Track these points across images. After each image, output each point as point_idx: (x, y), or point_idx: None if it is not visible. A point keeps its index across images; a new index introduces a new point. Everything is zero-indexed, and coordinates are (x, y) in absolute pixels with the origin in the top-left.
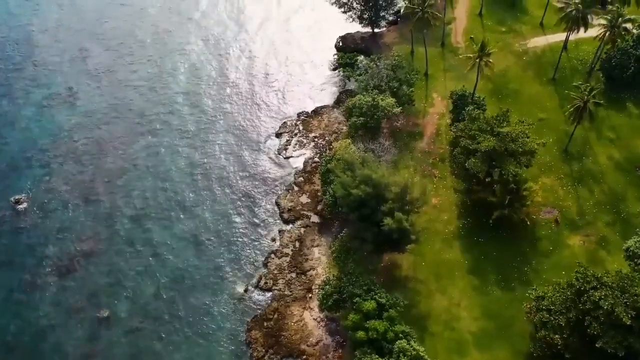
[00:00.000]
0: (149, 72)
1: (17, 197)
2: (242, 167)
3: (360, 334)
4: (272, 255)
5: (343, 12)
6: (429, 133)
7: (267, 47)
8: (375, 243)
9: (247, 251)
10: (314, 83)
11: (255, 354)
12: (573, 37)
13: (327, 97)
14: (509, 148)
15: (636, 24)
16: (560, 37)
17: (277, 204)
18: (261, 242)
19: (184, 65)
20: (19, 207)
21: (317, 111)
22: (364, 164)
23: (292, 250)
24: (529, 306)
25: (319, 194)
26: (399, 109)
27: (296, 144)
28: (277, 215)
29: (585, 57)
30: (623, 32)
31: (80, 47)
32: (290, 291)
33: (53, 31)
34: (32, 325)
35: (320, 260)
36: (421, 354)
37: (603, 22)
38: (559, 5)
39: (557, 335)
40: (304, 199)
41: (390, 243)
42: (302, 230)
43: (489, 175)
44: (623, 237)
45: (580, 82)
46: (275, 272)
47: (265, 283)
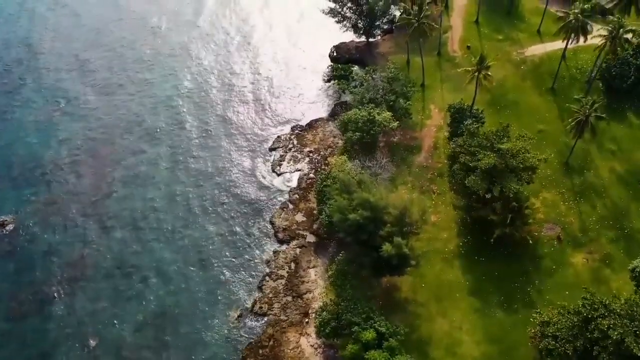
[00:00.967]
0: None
1: (3, 218)
2: (236, 185)
3: None
4: (267, 278)
5: (337, 22)
6: (427, 146)
7: (260, 58)
8: (373, 268)
9: (241, 273)
10: (308, 95)
11: None
12: (572, 45)
13: (322, 109)
14: (509, 164)
15: (637, 34)
16: (558, 44)
17: (272, 223)
18: (255, 264)
19: (175, 81)
20: (5, 229)
21: (312, 124)
22: (361, 185)
23: (287, 272)
24: (533, 331)
25: (314, 212)
26: (395, 124)
27: (290, 159)
28: (272, 234)
29: (584, 66)
30: (624, 43)
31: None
32: (286, 316)
33: (48, 42)
34: (17, 355)
35: (316, 282)
36: None
37: (604, 32)
38: (559, 14)
39: None
40: (299, 217)
41: (389, 267)
42: (298, 250)
43: (489, 192)
44: (627, 255)
45: (580, 93)
46: (271, 295)
47: (260, 307)
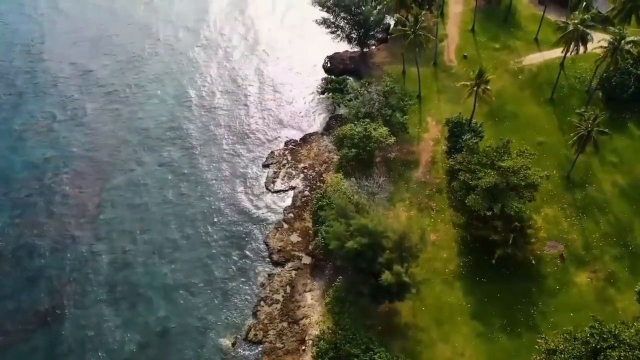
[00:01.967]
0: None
1: None
2: (228, 203)
3: None
4: (262, 303)
5: (330, 32)
6: (424, 161)
7: (251, 71)
8: (372, 295)
9: (235, 298)
10: (301, 108)
11: None
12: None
13: (316, 122)
14: (510, 182)
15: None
16: (556, 53)
17: (266, 244)
18: (249, 288)
19: (164, 92)
20: None
21: (306, 139)
22: (358, 208)
23: (282, 296)
24: (539, 359)
25: (310, 231)
26: (392, 140)
27: (285, 176)
28: (266, 256)
29: (583, 75)
30: (626, 55)
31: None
32: (282, 343)
33: (44, 50)
34: None
35: (313, 307)
36: None
37: (605, 44)
38: (558, 24)
39: None
40: (294, 237)
41: (389, 294)
42: (293, 273)
43: (490, 209)
44: (632, 273)
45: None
46: (266, 321)
47: (255, 335)
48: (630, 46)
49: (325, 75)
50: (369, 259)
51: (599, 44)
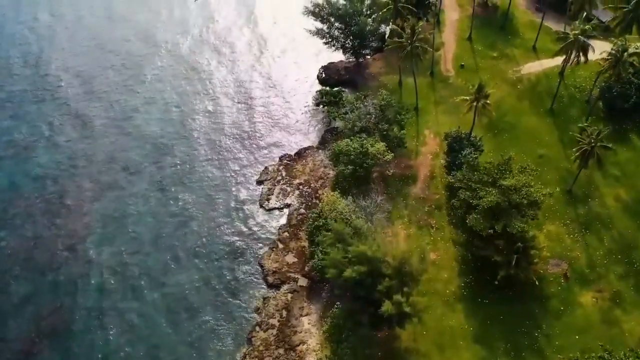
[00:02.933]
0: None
1: None
2: (221, 223)
3: None
4: (257, 328)
5: (324, 42)
6: (423, 176)
7: (243, 82)
8: (372, 324)
9: (228, 323)
10: (296, 121)
11: None
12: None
13: (311, 136)
14: (512, 201)
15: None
16: (555, 61)
17: (261, 265)
18: (244, 312)
19: (155, 106)
20: None
21: (301, 153)
22: (356, 232)
23: (278, 320)
24: None
25: (306, 251)
26: (390, 156)
27: (279, 193)
28: (261, 278)
29: (583, 84)
30: (628, 67)
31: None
32: None
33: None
34: None
35: (310, 332)
36: None
37: (605, 55)
38: (559, 34)
39: None
40: (290, 258)
41: (389, 322)
42: (289, 296)
43: (492, 228)
44: (638, 292)
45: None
46: (261, 348)
47: None
48: (633, 59)
49: (320, 86)
50: (368, 286)
51: (600, 55)
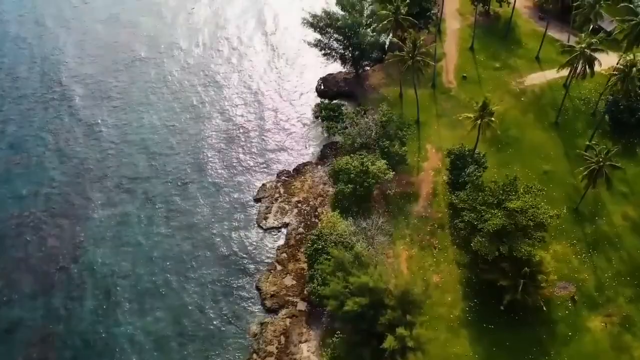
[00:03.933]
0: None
1: None
2: (217, 244)
3: None
4: (255, 356)
5: (324, 54)
6: (425, 193)
7: (241, 95)
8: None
9: (225, 351)
10: (294, 135)
11: None
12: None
13: (310, 151)
14: (519, 223)
15: None
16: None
17: (258, 288)
18: (241, 338)
19: (148, 122)
20: None
21: (299, 169)
22: (357, 260)
23: (276, 347)
24: None
25: (304, 273)
26: (391, 174)
27: (277, 212)
28: (259, 302)
29: (588, 96)
30: (637, 83)
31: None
32: None
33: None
34: None
35: None
36: None
37: (615, 72)
38: (564, 47)
39: None
40: (289, 280)
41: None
42: (288, 321)
43: (497, 250)
44: None
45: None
46: None
47: None
48: None
49: (319, 98)
50: (370, 319)
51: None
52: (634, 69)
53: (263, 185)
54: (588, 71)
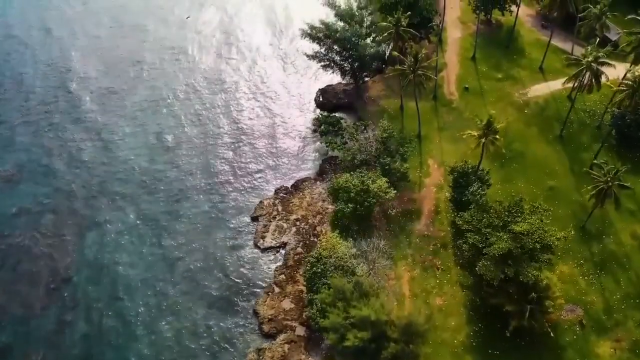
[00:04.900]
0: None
1: None
2: (213, 264)
3: None
4: None
5: (323, 66)
6: (427, 211)
7: (238, 107)
8: None
9: None
10: (292, 149)
11: None
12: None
13: (308, 166)
14: (525, 246)
15: None
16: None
17: (255, 312)
18: None
19: (141, 135)
20: None
21: (298, 186)
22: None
23: None
24: None
25: (303, 295)
26: (393, 193)
27: (275, 230)
28: (256, 326)
29: (593, 108)
30: None
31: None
32: None
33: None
34: None
35: None
36: None
37: (623, 88)
38: (569, 60)
39: None
40: (287, 303)
41: None
42: (286, 347)
43: (503, 273)
44: None
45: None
46: None
47: None
48: None
49: (318, 110)
50: (371, 352)
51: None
52: None
53: (260, 202)
54: (594, 85)
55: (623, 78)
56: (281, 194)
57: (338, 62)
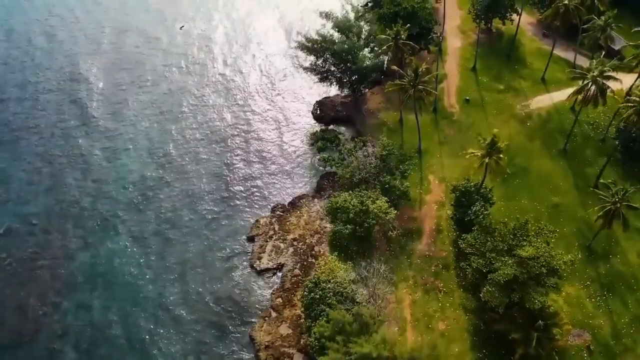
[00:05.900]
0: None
1: None
2: (207, 288)
3: None
4: None
5: (320, 79)
6: (428, 229)
7: (231, 119)
8: None
9: None
10: (289, 165)
11: None
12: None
13: (305, 182)
14: (531, 272)
15: None
16: (566, 94)
17: (252, 338)
18: None
19: (134, 149)
20: None
21: (295, 203)
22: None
23: None
24: None
25: (301, 321)
26: (393, 214)
27: (272, 251)
28: (252, 353)
29: (597, 120)
30: None
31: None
32: None
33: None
34: None
35: None
36: None
37: (630, 104)
38: (573, 73)
39: None
40: (284, 329)
41: None
42: None
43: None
44: None
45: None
46: None
47: None
48: None
49: (315, 122)
50: None
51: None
52: None
53: (257, 221)
54: (600, 99)
55: (628, 93)
56: (278, 212)
57: (336, 75)
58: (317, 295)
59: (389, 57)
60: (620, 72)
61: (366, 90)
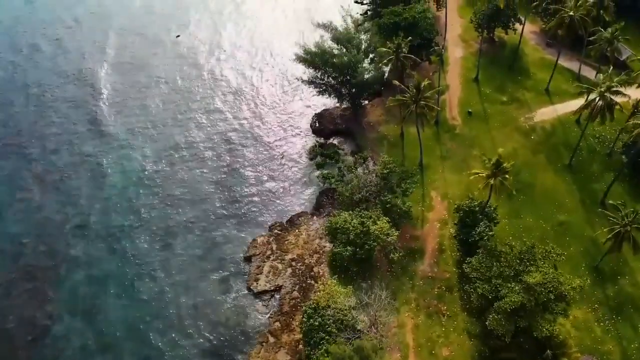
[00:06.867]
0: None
1: None
2: (202, 311)
3: None
4: None
5: (318, 92)
6: (431, 249)
7: (227, 131)
8: None
9: None
10: (287, 180)
11: None
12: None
13: (304, 199)
14: (539, 299)
15: None
16: (571, 106)
17: None
18: None
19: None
20: None
21: (293, 221)
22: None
23: None
24: None
25: (300, 347)
26: (395, 235)
27: (269, 272)
28: None
29: (603, 133)
30: None
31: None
32: None
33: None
34: None
35: None
36: None
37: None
38: (579, 90)
39: None
40: (282, 355)
41: None
42: None
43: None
44: None
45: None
46: None
47: None
48: None
49: (314, 136)
50: None
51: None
52: None
53: (254, 240)
54: (607, 115)
55: (635, 106)
56: (276, 231)
57: (335, 87)
58: (317, 322)
59: (390, 68)
60: (628, 87)
61: (366, 103)
